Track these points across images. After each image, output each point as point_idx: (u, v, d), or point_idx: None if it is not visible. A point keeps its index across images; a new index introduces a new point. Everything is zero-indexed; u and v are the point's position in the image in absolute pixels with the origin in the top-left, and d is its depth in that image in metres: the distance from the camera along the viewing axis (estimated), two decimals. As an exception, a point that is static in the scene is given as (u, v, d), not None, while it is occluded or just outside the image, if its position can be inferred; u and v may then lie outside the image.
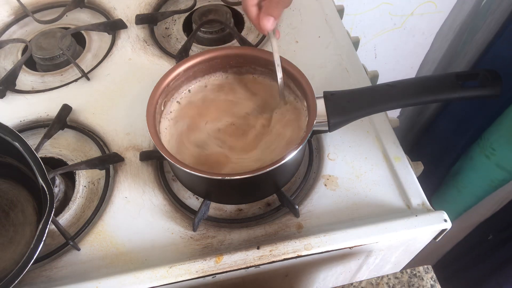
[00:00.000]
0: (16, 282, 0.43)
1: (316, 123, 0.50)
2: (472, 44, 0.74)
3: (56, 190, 0.58)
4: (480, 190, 0.77)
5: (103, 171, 0.59)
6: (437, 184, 0.89)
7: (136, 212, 0.55)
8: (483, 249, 0.81)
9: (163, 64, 0.70)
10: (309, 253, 0.50)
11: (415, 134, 0.99)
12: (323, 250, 0.50)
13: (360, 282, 0.46)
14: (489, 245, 0.79)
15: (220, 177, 0.46)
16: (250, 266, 0.49)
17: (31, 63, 0.74)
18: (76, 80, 0.69)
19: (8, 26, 0.79)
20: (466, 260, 0.86)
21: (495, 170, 0.71)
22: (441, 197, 0.89)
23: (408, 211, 0.54)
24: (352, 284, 0.46)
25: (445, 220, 0.51)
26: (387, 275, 0.46)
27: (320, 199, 0.55)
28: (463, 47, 0.79)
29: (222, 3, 0.76)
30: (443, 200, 0.88)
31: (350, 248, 0.51)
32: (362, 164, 0.58)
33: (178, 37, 0.76)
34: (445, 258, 0.94)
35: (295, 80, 0.55)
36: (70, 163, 0.60)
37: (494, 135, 0.69)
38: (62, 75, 0.72)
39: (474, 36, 0.74)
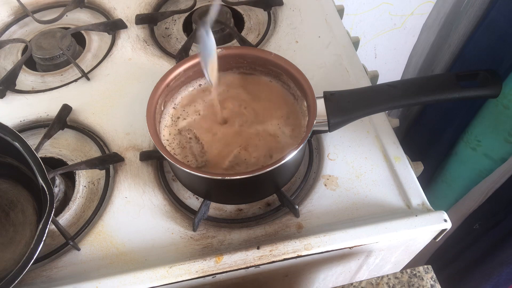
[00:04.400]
0: (16, 282, 0.43)
1: (316, 123, 0.50)
2: (455, 35, 0.75)
3: (56, 190, 0.58)
4: (469, 180, 0.77)
5: (103, 171, 0.59)
6: (426, 179, 0.90)
7: (136, 212, 0.55)
8: (470, 239, 0.82)
9: (163, 64, 0.70)
10: (309, 253, 0.50)
11: (404, 130, 1.00)
12: (323, 250, 0.50)
13: (360, 282, 0.46)
14: (476, 234, 0.80)
15: (220, 177, 0.46)
16: (250, 266, 0.49)
17: (31, 63, 0.74)
18: (76, 80, 0.69)
19: (8, 26, 0.79)
20: (456, 250, 0.87)
21: (483, 160, 0.71)
22: (431, 192, 0.89)
23: (408, 211, 0.54)
24: (352, 284, 0.46)
25: (445, 220, 0.51)
26: (387, 275, 0.46)
27: (320, 199, 0.55)
28: (446, 39, 0.79)
29: (222, 3, 0.77)
30: (433, 195, 0.89)
31: (350, 248, 0.51)
32: (362, 164, 0.58)
33: (178, 37, 0.76)
34: (438, 252, 0.95)
35: (295, 80, 0.55)
36: (70, 163, 0.60)
37: (478, 127, 0.70)
38: (62, 75, 0.72)
39: (457, 28, 0.74)
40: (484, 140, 0.69)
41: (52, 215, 0.45)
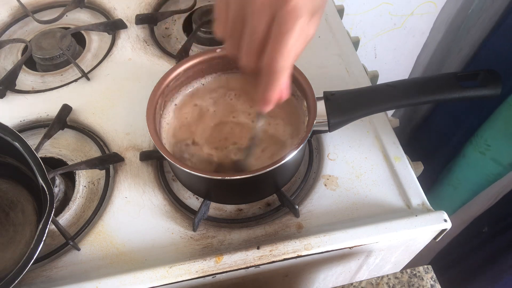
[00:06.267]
0: (16, 282, 0.43)
1: (316, 123, 0.50)
2: (467, 40, 0.74)
3: (56, 190, 0.58)
4: (476, 185, 0.77)
5: (103, 171, 0.59)
6: (432, 181, 0.90)
7: (136, 212, 0.55)
8: (478, 241, 0.81)
9: (163, 64, 0.70)
10: (309, 253, 0.50)
11: (410, 131, 0.99)
12: (323, 250, 0.50)
13: (360, 282, 0.46)
14: (484, 237, 0.79)
15: (220, 177, 0.46)
16: (250, 266, 0.49)
17: (31, 63, 0.74)
18: (76, 80, 0.69)
19: (8, 26, 0.79)
20: (461, 252, 0.86)
21: (491, 165, 0.71)
22: (436, 195, 0.89)
23: (408, 211, 0.54)
24: (352, 284, 0.46)
25: (445, 220, 0.51)
26: (387, 275, 0.46)
27: (320, 199, 0.55)
28: (457, 43, 0.79)
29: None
30: (439, 198, 0.88)
31: (350, 248, 0.51)
32: (362, 164, 0.58)
33: (178, 37, 0.76)
34: (441, 253, 0.94)
35: (295, 80, 0.55)
36: (70, 163, 0.60)
37: (489, 131, 0.70)
38: (62, 75, 0.72)
39: (469, 32, 0.74)
40: (493, 145, 0.69)
41: (52, 215, 0.45)
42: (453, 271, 0.88)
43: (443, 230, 0.52)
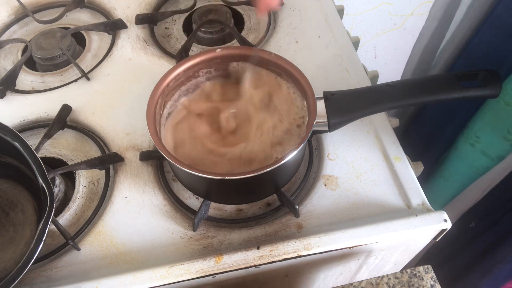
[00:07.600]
0: (16, 282, 0.43)
1: (316, 123, 0.50)
2: (458, 31, 0.74)
3: (56, 190, 0.58)
4: (466, 178, 0.77)
5: (103, 171, 0.59)
6: (423, 174, 0.90)
7: (136, 212, 0.55)
8: (466, 237, 0.81)
9: (163, 64, 0.70)
10: (309, 253, 0.50)
11: (403, 125, 1.00)
12: (323, 250, 0.50)
13: (360, 282, 0.46)
14: (472, 233, 0.79)
15: (220, 177, 0.46)
16: (250, 266, 0.49)
17: (31, 63, 0.74)
18: (76, 80, 0.69)
19: (8, 26, 0.79)
20: (451, 249, 0.86)
21: (480, 158, 0.71)
22: (427, 187, 0.89)
23: (408, 211, 0.54)
24: (352, 284, 0.46)
25: (445, 220, 0.51)
26: (387, 275, 0.46)
27: (320, 199, 0.55)
28: (452, 34, 0.79)
29: (222, 3, 0.77)
30: (430, 190, 0.89)
31: (350, 248, 0.51)
32: (362, 164, 0.58)
33: (178, 37, 0.76)
34: (430, 252, 0.94)
35: (295, 80, 0.55)
36: (70, 163, 0.60)
37: (479, 123, 0.70)
38: (62, 75, 0.72)
39: (462, 22, 0.74)
40: (483, 137, 0.69)
41: (52, 215, 0.45)
42: (445, 268, 0.88)
43: (443, 230, 0.52)
